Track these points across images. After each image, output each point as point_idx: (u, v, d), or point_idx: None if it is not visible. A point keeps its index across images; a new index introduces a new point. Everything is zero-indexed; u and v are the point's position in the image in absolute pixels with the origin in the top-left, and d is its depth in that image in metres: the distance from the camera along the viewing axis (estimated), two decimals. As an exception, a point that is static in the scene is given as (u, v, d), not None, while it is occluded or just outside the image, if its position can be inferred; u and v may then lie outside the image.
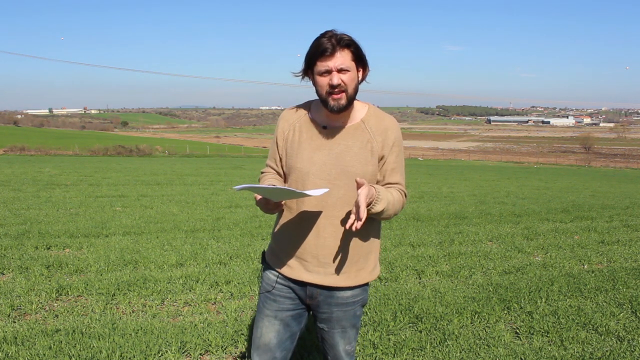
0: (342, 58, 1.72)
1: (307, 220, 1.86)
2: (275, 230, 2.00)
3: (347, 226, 1.67)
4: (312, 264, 1.88)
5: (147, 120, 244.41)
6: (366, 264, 1.94)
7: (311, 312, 2.04)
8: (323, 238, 1.85)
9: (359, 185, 1.66)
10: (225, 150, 62.07)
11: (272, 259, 1.99)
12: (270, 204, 1.79)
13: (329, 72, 1.73)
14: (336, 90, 1.74)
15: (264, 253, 2.07)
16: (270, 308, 1.97)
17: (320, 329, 2.01)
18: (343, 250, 1.87)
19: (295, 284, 1.94)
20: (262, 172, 2.06)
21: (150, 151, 48.60)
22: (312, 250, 1.87)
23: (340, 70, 1.73)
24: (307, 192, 1.70)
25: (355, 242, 1.88)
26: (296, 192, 1.69)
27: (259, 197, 1.80)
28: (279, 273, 1.96)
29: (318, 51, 1.72)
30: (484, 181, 19.69)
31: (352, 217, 1.67)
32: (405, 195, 1.92)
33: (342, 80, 1.74)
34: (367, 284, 1.99)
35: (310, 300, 1.95)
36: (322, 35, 1.73)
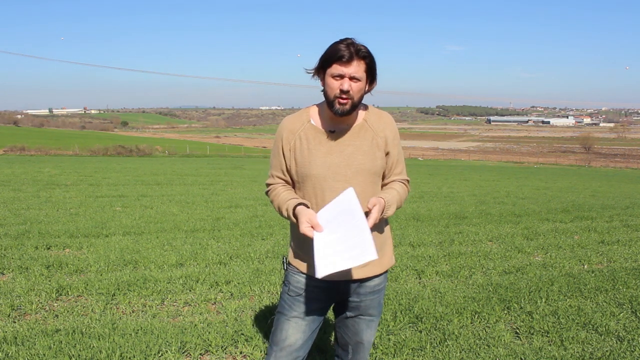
0: (357, 67, 1.82)
1: None
2: (297, 235, 2.00)
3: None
4: None
5: (147, 120, 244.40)
6: (385, 250, 2.07)
7: (332, 306, 2.13)
8: None
9: (370, 209, 1.80)
10: (225, 150, 62.07)
11: (301, 263, 2.02)
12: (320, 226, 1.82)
13: (342, 76, 1.82)
14: (344, 95, 1.83)
15: (284, 258, 2.11)
16: (299, 310, 2.01)
17: (347, 317, 2.11)
18: None
19: (327, 283, 1.99)
20: (269, 185, 2.06)
21: (150, 151, 48.58)
22: None
23: (352, 78, 1.82)
24: (369, 258, 1.67)
25: (376, 232, 1.99)
26: (364, 262, 1.68)
27: (314, 222, 1.80)
28: (308, 275, 2.00)
29: (336, 56, 1.80)
30: (484, 181, 19.69)
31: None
32: (408, 182, 2.11)
33: (352, 88, 1.83)
34: (387, 271, 2.11)
35: (341, 296, 2.04)
36: (341, 42, 1.82)
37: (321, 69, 1.87)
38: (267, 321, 3.38)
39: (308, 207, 1.87)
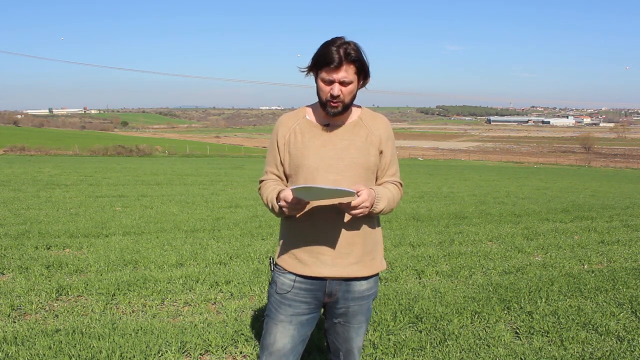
0: (346, 72, 1.84)
1: (322, 215, 1.92)
2: (288, 231, 2.01)
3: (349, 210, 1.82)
4: (330, 257, 1.93)
5: (147, 120, 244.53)
6: (376, 253, 2.05)
7: (322, 311, 2.09)
8: (341, 229, 1.93)
9: (358, 191, 1.80)
10: (225, 150, 62.07)
11: (287, 261, 2.00)
12: (301, 203, 1.83)
13: (332, 82, 1.85)
14: (334, 100, 1.87)
15: (271, 259, 2.09)
16: (285, 313, 1.98)
17: (335, 323, 2.08)
18: (358, 239, 1.96)
19: (314, 284, 1.97)
20: (261, 181, 2.08)
21: (150, 151, 48.59)
22: (331, 243, 1.93)
23: (341, 83, 1.85)
24: (348, 189, 1.74)
25: (367, 231, 1.98)
26: (343, 190, 1.72)
27: (289, 198, 1.81)
28: (296, 276, 1.97)
29: (325, 61, 1.82)
30: (483, 181, 19.69)
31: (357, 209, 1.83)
32: (402, 185, 2.08)
33: (342, 92, 1.87)
34: (378, 275, 2.09)
35: (329, 298, 2.01)
36: (332, 43, 1.83)
37: (314, 67, 1.90)
38: (267, 321, 3.38)
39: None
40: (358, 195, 1.80)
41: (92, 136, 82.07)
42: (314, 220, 1.92)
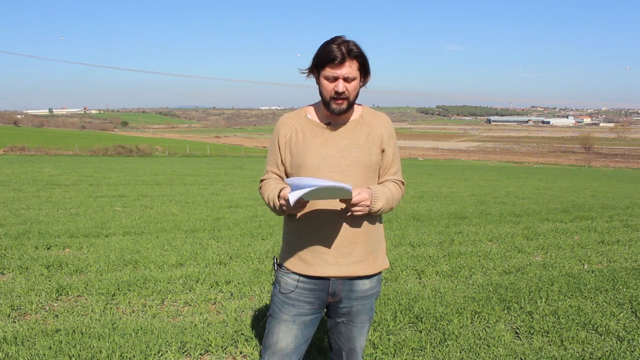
0: (350, 68, 1.84)
1: (324, 214, 1.92)
2: (290, 231, 2.02)
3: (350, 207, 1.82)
4: (333, 256, 1.94)
5: (147, 120, 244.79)
6: (379, 252, 2.05)
7: (325, 310, 2.10)
8: (343, 228, 1.93)
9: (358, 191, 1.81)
10: (225, 150, 62.08)
11: (291, 261, 2.00)
12: (301, 202, 1.83)
13: (335, 78, 1.85)
14: (339, 96, 1.86)
15: (275, 259, 2.10)
16: (289, 313, 1.99)
17: (338, 323, 2.09)
18: (361, 238, 1.96)
19: (318, 284, 1.97)
20: (262, 180, 2.08)
21: (150, 151, 48.59)
22: (334, 242, 1.93)
23: (345, 79, 1.85)
24: (345, 185, 1.71)
25: (369, 230, 1.98)
26: (340, 187, 1.69)
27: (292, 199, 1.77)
28: (300, 276, 1.98)
29: (328, 58, 1.82)
30: (484, 181, 19.68)
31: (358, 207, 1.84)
32: (403, 184, 2.07)
33: (347, 89, 1.86)
34: (380, 274, 2.10)
35: (332, 297, 2.01)
36: (333, 41, 1.84)
37: (315, 69, 1.89)
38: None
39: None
40: (358, 194, 1.81)
41: (92, 136, 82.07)
42: (316, 220, 1.93)
